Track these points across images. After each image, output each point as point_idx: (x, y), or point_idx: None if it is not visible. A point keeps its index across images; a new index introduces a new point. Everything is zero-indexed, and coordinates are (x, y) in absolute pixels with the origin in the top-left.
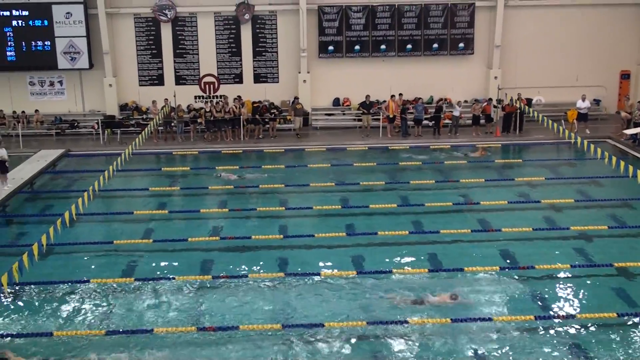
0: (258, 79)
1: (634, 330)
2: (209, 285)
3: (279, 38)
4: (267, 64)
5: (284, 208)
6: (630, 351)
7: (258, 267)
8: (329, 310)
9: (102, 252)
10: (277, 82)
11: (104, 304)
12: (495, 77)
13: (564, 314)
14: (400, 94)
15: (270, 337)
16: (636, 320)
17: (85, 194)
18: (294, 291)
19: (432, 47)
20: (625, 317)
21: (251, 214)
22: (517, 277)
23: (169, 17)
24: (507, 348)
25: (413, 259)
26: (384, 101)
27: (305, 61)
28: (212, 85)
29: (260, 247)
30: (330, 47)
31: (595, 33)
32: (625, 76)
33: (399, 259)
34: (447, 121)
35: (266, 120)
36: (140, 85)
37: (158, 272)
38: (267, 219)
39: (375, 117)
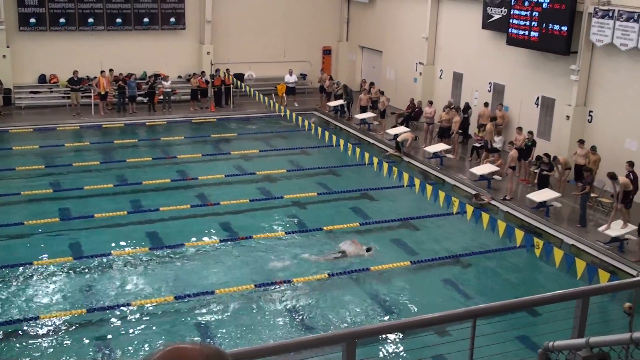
0: None
1: (340, 287)
2: None
3: None
4: None
5: None
6: (338, 305)
7: None
8: (42, 300)
9: None
10: None
11: None
12: (208, 53)
13: (282, 279)
14: (111, 70)
15: None
16: (343, 277)
17: None
18: (4, 287)
19: (142, 21)
20: (334, 277)
21: None
22: (237, 248)
23: None
24: (227, 318)
25: (134, 238)
26: (95, 77)
27: (4, 34)
28: None
29: None
30: (32, 20)
31: (300, 11)
32: (327, 52)
33: (119, 240)
34: (162, 97)
35: None
36: None
37: None
38: None
39: (85, 94)
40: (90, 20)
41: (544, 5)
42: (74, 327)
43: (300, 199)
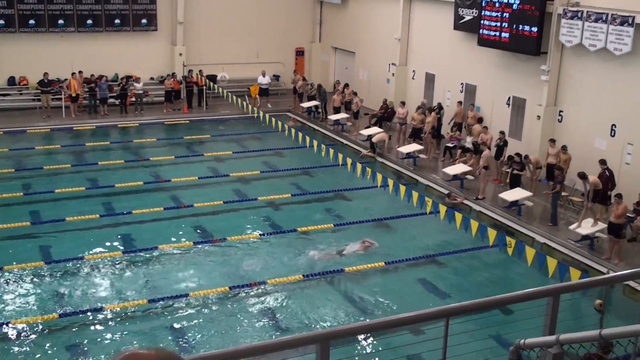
0: None
1: (314, 288)
2: None
3: None
4: None
5: None
6: (312, 306)
7: None
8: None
9: None
10: None
11: None
12: (180, 54)
13: (256, 281)
14: (80, 72)
15: None
16: (318, 278)
17: None
18: None
19: (114, 22)
20: (308, 278)
21: None
22: (211, 250)
23: None
24: (201, 320)
25: (107, 242)
26: (65, 79)
27: None
28: None
29: None
30: (1, 21)
31: (273, 12)
32: (299, 53)
33: (92, 243)
34: (134, 99)
35: None
36: None
37: None
38: None
39: (56, 96)
40: (61, 21)
41: (514, 7)
42: (45, 332)
43: (274, 200)
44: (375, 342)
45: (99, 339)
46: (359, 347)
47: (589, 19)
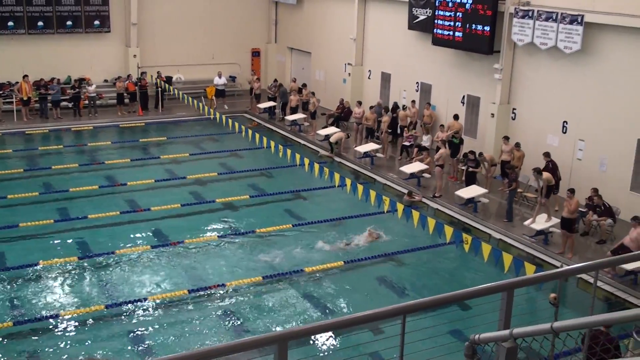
0: None
1: (274, 289)
2: None
3: None
4: None
5: None
6: (272, 307)
7: None
8: None
9: None
10: None
11: None
12: (135, 56)
13: (216, 283)
14: (26, 75)
15: None
16: (277, 279)
17: None
18: None
19: (65, 24)
20: (270, 279)
21: None
22: (169, 253)
23: None
24: (160, 324)
25: (62, 247)
26: (16, 83)
27: None
28: None
29: None
30: None
31: (228, 13)
32: (255, 54)
33: (47, 249)
34: (87, 102)
35: None
36: None
37: None
38: None
39: (7, 100)
40: (10, 23)
41: (467, 6)
42: (0, 341)
43: (232, 202)
44: (333, 341)
45: (55, 347)
46: (317, 347)
47: (540, 18)
